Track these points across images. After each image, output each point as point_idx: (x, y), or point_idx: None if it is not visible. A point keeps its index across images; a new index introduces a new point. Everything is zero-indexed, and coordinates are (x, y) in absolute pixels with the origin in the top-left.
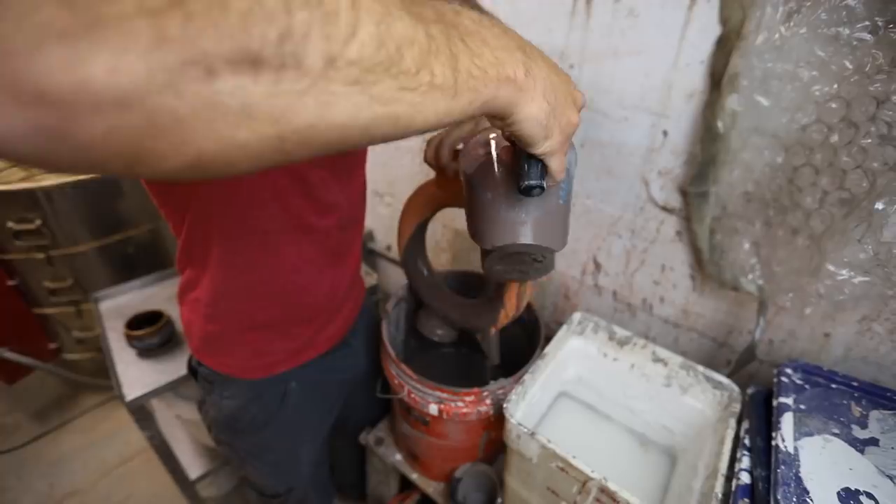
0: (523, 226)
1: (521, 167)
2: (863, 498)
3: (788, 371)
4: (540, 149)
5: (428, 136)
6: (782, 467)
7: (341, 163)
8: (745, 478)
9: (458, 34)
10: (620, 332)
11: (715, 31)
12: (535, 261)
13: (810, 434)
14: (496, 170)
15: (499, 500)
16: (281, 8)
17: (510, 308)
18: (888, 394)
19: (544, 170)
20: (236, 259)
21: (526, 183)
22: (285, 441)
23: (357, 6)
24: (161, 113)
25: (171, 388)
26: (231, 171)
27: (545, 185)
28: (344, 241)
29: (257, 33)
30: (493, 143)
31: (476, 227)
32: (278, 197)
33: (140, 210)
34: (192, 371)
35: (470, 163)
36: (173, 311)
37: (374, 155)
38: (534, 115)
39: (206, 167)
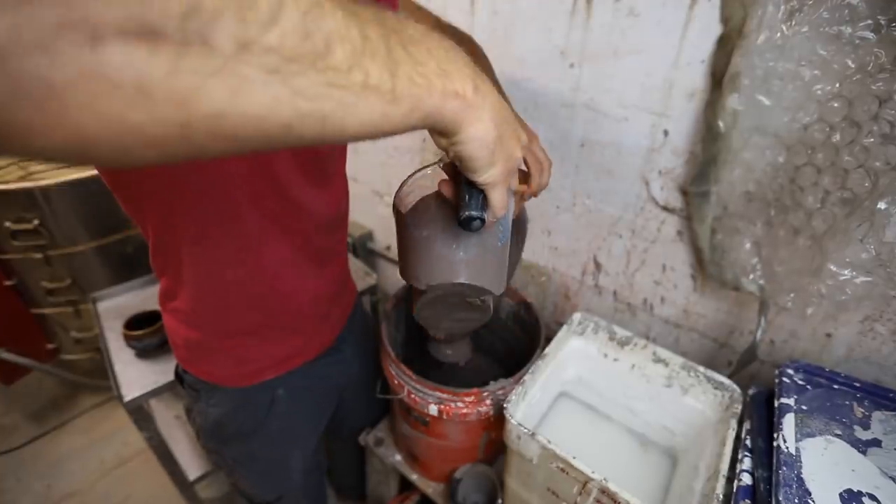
0: (461, 264)
1: (462, 198)
2: (865, 499)
3: (790, 371)
4: (483, 176)
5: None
6: (784, 468)
7: (314, 167)
8: (746, 479)
9: (400, 41)
10: (621, 333)
11: (716, 30)
12: (470, 305)
13: (812, 435)
14: (432, 207)
15: (499, 501)
16: None
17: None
18: (891, 394)
19: (485, 203)
20: (210, 263)
21: (466, 213)
22: (274, 449)
23: None
24: (28, 78)
25: (169, 389)
26: (129, 158)
27: (485, 218)
28: (325, 246)
29: (157, 4)
30: (425, 182)
31: (410, 266)
32: (254, 200)
33: None
34: (179, 378)
35: (404, 202)
36: None
37: (374, 155)
38: (480, 135)
39: (92, 149)
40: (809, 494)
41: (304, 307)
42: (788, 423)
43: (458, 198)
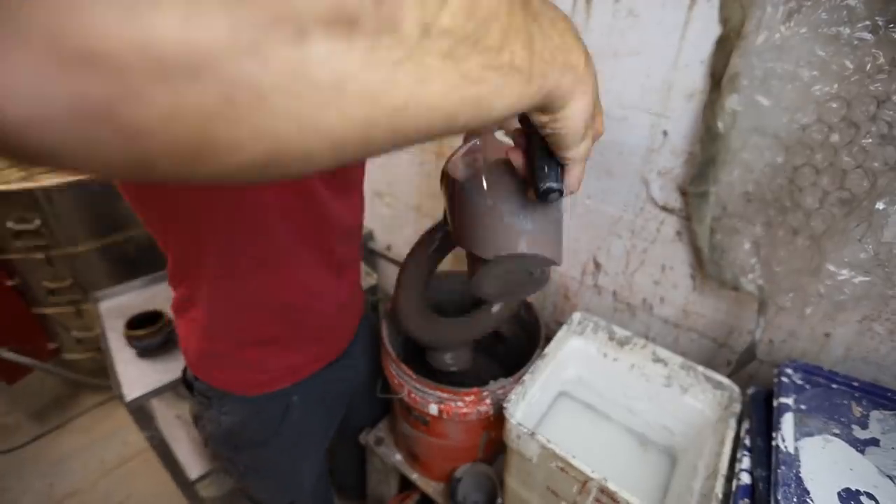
0: (528, 235)
1: (541, 168)
2: (863, 498)
3: (789, 371)
4: (571, 152)
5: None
6: (783, 468)
7: (340, 179)
8: (745, 478)
9: (532, 13)
10: (620, 332)
11: (715, 30)
12: (531, 275)
13: (811, 434)
14: (495, 175)
15: (499, 501)
16: None
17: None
18: (889, 394)
19: (562, 175)
20: (235, 275)
21: (547, 185)
22: (287, 456)
23: None
24: (241, 85)
25: (171, 389)
26: (303, 167)
27: (563, 191)
28: (344, 256)
29: None
30: (482, 150)
31: (471, 236)
32: (286, 216)
33: None
34: (188, 384)
35: (462, 169)
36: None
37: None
38: (583, 109)
39: (277, 163)
40: (808, 493)
41: (323, 316)
42: (787, 422)
43: (531, 168)
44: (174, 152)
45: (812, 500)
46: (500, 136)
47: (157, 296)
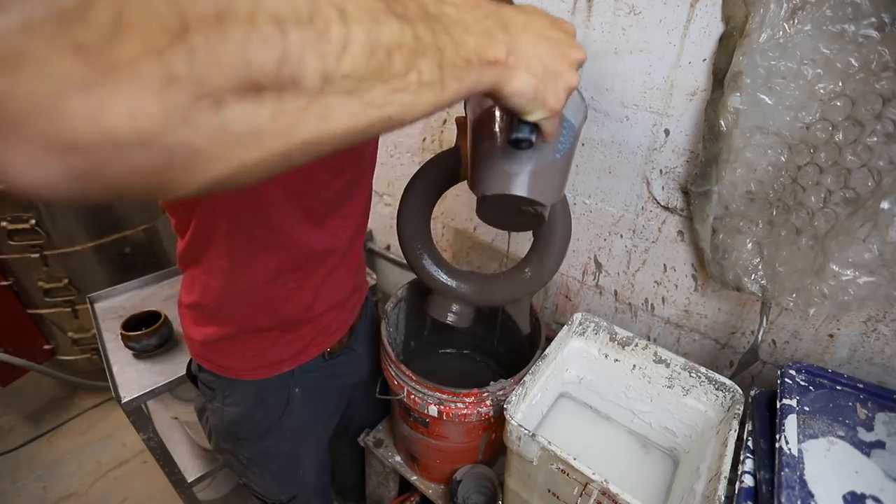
0: (515, 177)
1: (513, 120)
2: (869, 502)
3: (792, 372)
4: (531, 117)
5: None
6: (786, 470)
7: (350, 169)
8: (748, 480)
9: (443, 27)
10: (622, 333)
11: (717, 28)
12: (526, 212)
13: (815, 436)
14: (496, 120)
15: (499, 503)
16: (276, 32)
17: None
18: (894, 396)
19: (536, 126)
20: (243, 260)
21: (514, 136)
22: (288, 448)
23: (346, 19)
24: (179, 147)
25: (168, 390)
26: (241, 185)
27: (533, 141)
28: (350, 242)
29: (256, 60)
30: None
31: (472, 174)
32: (290, 197)
33: (136, 210)
34: (192, 378)
35: (474, 110)
36: (170, 312)
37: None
38: (519, 89)
39: (217, 187)
40: (812, 496)
41: (328, 300)
42: (791, 424)
43: (509, 119)
44: (142, 192)
45: None
46: None
47: (153, 296)
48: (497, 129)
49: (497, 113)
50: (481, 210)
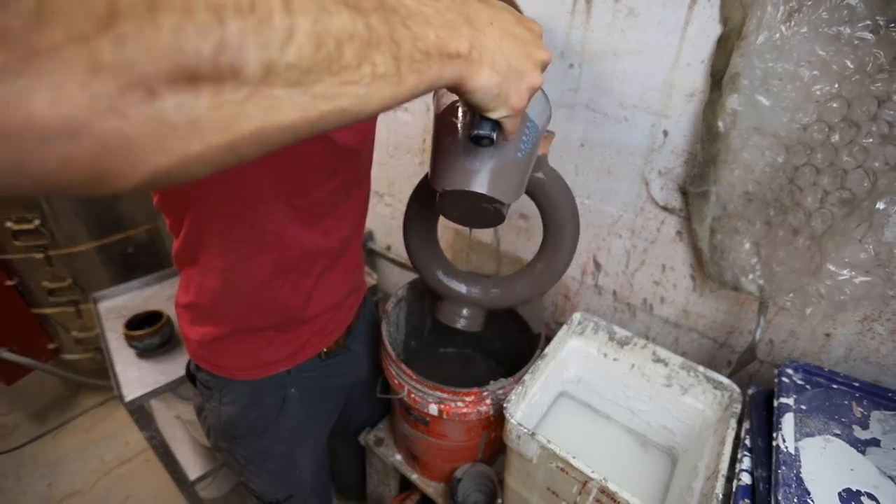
0: (476, 174)
1: (475, 116)
2: (864, 499)
3: (789, 371)
4: (494, 114)
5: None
6: (783, 468)
7: (347, 176)
8: (745, 478)
9: (399, 18)
10: (620, 333)
11: (715, 30)
12: (486, 210)
13: (811, 434)
14: (460, 115)
15: (499, 501)
16: (213, 20)
17: None
18: (889, 394)
19: (497, 124)
20: (237, 260)
21: (475, 132)
22: (285, 448)
23: (290, 8)
24: (110, 136)
25: (170, 389)
26: (190, 178)
27: (494, 138)
28: (346, 242)
29: (191, 49)
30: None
31: (433, 169)
32: (281, 197)
33: (139, 210)
34: (191, 377)
35: (439, 105)
36: (172, 312)
37: (374, 155)
38: (482, 85)
39: (165, 179)
40: (808, 494)
41: (324, 302)
42: (788, 422)
43: (471, 116)
44: (77, 184)
45: (813, 501)
46: None
47: (156, 296)
48: (459, 124)
49: (460, 109)
50: (441, 205)
